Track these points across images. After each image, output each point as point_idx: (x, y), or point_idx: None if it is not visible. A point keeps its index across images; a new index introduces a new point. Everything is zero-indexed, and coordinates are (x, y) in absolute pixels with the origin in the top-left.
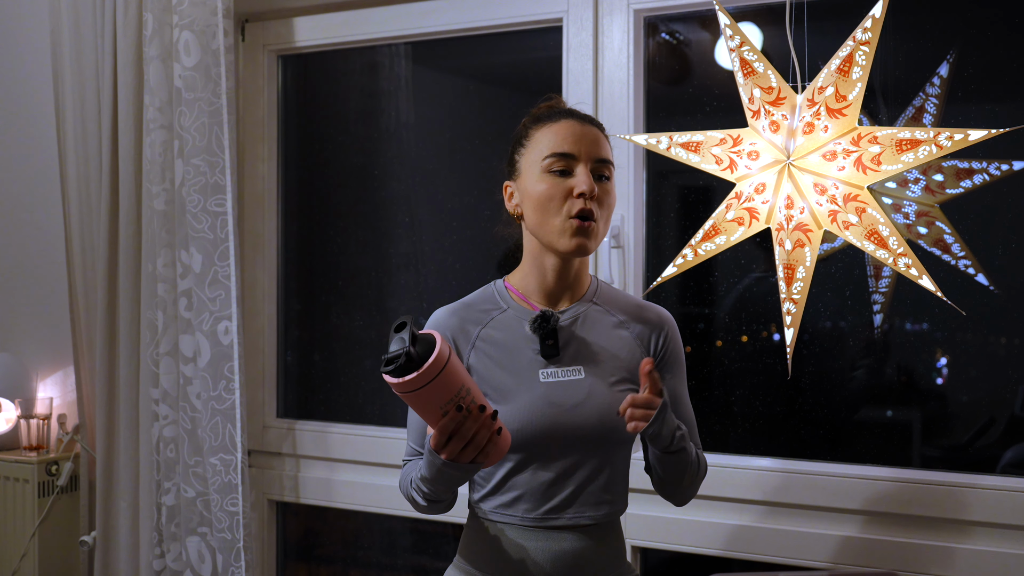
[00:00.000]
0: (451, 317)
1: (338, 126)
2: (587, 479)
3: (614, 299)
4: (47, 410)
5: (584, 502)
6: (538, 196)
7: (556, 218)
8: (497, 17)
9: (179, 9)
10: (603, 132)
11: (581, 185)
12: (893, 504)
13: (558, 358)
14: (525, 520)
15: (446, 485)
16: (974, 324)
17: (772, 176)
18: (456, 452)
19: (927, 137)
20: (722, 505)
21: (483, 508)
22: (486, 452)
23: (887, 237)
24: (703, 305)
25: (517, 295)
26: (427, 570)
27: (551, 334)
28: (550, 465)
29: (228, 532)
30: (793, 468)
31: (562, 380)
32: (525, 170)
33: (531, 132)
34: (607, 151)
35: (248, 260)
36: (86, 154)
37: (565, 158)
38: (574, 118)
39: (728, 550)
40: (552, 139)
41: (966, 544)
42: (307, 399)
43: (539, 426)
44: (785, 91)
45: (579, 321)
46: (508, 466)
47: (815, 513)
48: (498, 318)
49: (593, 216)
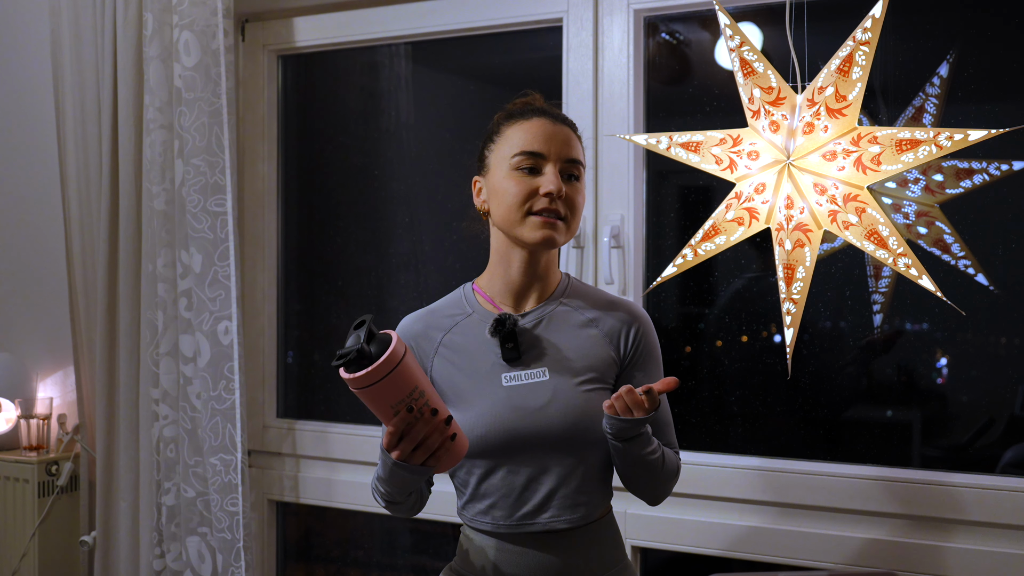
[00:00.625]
0: (415, 323)
1: (338, 126)
2: (559, 482)
3: (584, 296)
4: (47, 410)
5: (559, 506)
6: (504, 192)
7: (520, 213)
8: (497, 17)
9: (179, 9)
10: (575, 132)
11: (548, 185)
12: (893, 504)
13: (520, 361)
14: (500, 527)
15: (398, 486)
16: (974, 324)
17: (772, 176)
18: (407, 453)
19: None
20: (722, 505)
21: (464, 515)
22: (437, 456)
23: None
24: (703, 305)
25: (484, 298)
26: (427, 570)
27: (510, 337)
28: (519, 470)
29: (228, 532)
30: (793, 468)
31: (525, 383)
32: (494, 166)
33: (502, 128)
34: (578, 152)
35: (248, 260)
36: (86, 154)
37: (534, 156)
38: (546, 116)
39: (728, 550)
40: (522, 137)
41: (966, 544)
42: (307, 399)
43: (502, 430)
44: (785, 91)
45: (544, 322)
46: (479, 472)
47: (815, 513)
48: (462, 323)
49: (560, 215)
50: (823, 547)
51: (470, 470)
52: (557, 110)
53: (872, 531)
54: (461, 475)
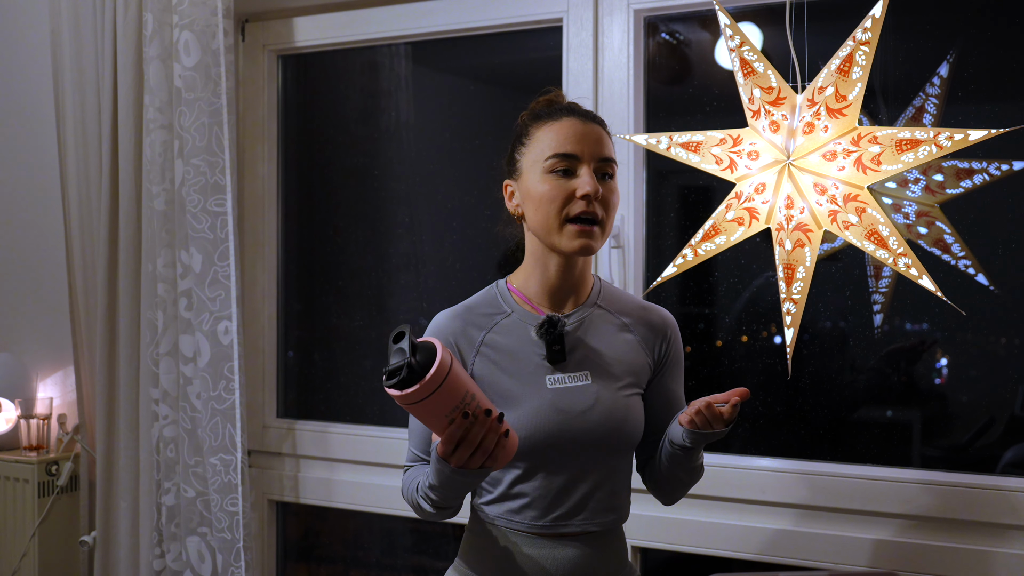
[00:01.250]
0: (454, 321)
1: (338, 126)
2: (595, 486)
3: (617, 300)
4: (47, 410)
5: (592, 509)
6: (540, 197)
7: (558, 220)
8: (497, 17)
9: (179, 9)
10: (605, 129)
11: (585, 187)
12: (893, 504)
13: (564, 364)
14: (532, 527)
15: (455, 492)
16: (974, 324)
17: (772, 176)
18: (465, 459)
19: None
20: (722, 505)
21: (488, 513)
22: (495, 456)
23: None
24: (703, 305)
25: (520, 297)
26: (427, 570)
27: (558, 339)
28: (558, 472)
29: (228, 532)
30: (793, 468)
31: (569, 386)
32: (526, 169)
33: (531, 130)
34: (610, 149)
35: (248, 260)
36: (86, 154)
37: (568, 159)
38: (576, 115)
39: (728, 550)
40: (554, 139)
41: (966, 544)
42: (307, 399)
43: (547, 433)
44: (785, 91)
45: (584, 325)
46: (515, 473)
47: (815, 513)
48: (502, 323)
49: (597, 218)
50: (823, 547)
51: (506, 469)
52: (584, 107)
53: (872, 531)
54: (493, 473)
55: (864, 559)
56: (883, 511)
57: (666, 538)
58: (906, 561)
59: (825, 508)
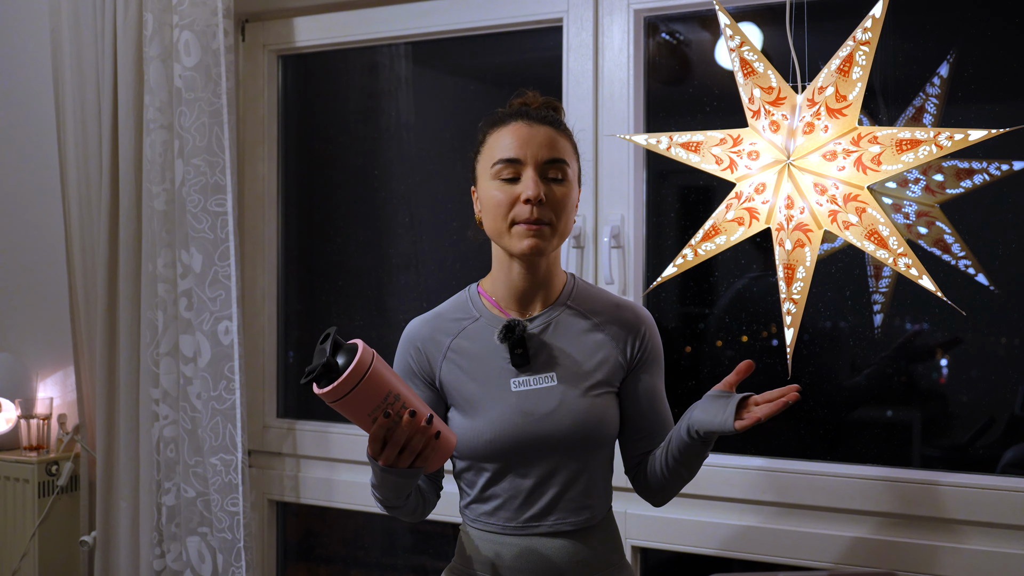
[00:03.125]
0: (423, 327)
1: (338, 126)
2: (565, 486)
3: (589, 300)
4: (47, 410)
5: (564, 508)
6: (489, 203)
7: (506, 224)
8: (497, 17)
9: (179, 9)
10: (558, 129)
11: (527, 191)
12: (893, 504)
13: (529, 366)
14: (506, 528)
15: (393, 491)
16: (974, 324)
17: (772, 176)
18: (392, 457)
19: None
20: (722, 505)
21: (468, 515)
22: (424, 457)
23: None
24: (703, 305)
25: (490, 302)
26: (427, 570)
27: (519, 343)
28: (527, 473)
29: (228, 532)
30: (793, 468)
31: (534, 388)
32: (480, 176)
33: (486, 136)
34: (559, 150)
35: (248, 260)
36: (86, 154)
37: (512, 164)
38: (524, 119)
39: (728, 550)
40: (499, 144)
41: (966, 544)
42: (307, 399)
43: (512, 436)
44: (785, 91)
45: (551, 327)
46: (486, 476)
47: (815, 513)
48: (469, 328)
49: (544, 221)
50: (823, 547)
51: (478, 472)
52: (541, 109)
53: (872, 531)
54: (468, 476)
55: (864, 559)
56: (883, 511)
57: (666, 538)
58: (906, 561)
59: (825, 508)
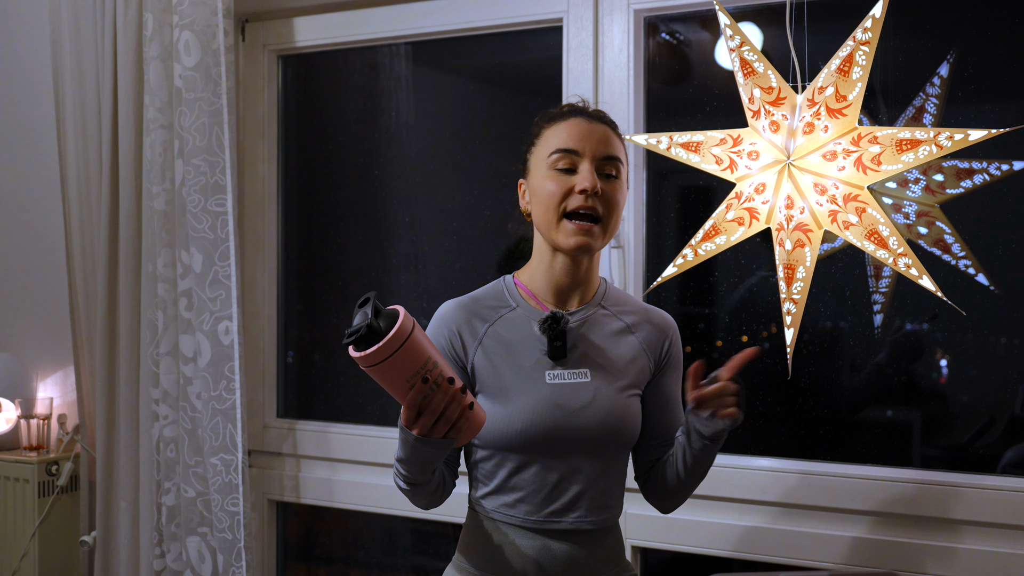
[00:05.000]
0: (459, 311)
1: (338, 126)
2: (589, 484)
3: (621, 302)
4: (47, 410)
5: (587, 507)
6: (542, 192)
7: (557, 214)
8: (497, 17)
9: (179, 9)
10: (614, 130)
11: (583, 182)
12: (893, 504)
13: (565, 360)
14: (526, 521)
15: (420, 464)
16: (974, 324)
17: (772, 176)
18: (428, 427)
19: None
20: (722, 505)
21: (484, 506)
22: (458, 427)
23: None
24: (703, 305)
25: (527, 293)
26: (427, 570)
27: (560, 335)
28: (553, 467)
29: (229, 532)
30: (793, 468)
31: (568, 382)
32: (534, 168)
33: (542, 131)
34: (615, 148)
35: (248, 260)
36: (86, 154)
37: (569, 154)
38: (582, 115)
39: (728, 550)
40: (558, 136)
41: (966, 544)
42: (307, 399)
43: (543, 427)
44: (785, 91)
45: (587, 324)
46: (511, 466)
47: (815, 513)
48: (507, 316)
49: (596, 214)
50: (823, 547)
51: (501, 462)
52: (596, 109)
53: (872, 531)
54: (488, 466)
55: (864, 559)
56: (883, 511)
57: (666, 538)
58: (906, 561)
59: (825, 508)
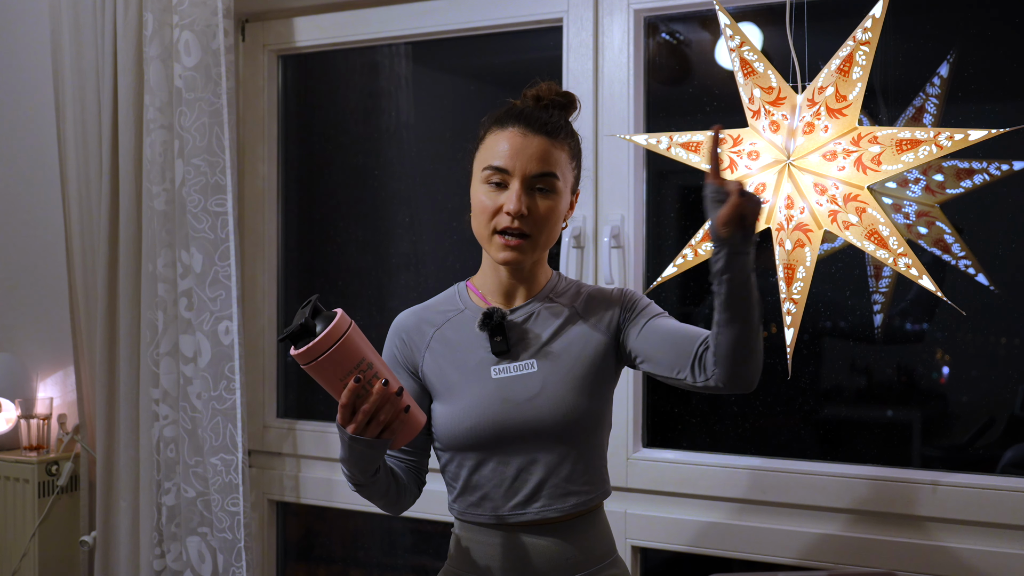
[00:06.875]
0: (409, 318)
1: (338, 126)
2: (549, 472)
3: (572, 293)
4: (47, 410)
5: (549, 495)
6: (476, 204)
7: (487, 230)
8: (497, 17)
9: (179, 9)
10: (557, 138)
11: (509, 204)
12: (893, 504)
13: (508, 354)
14: (492, 518)
15: (359, 464)
16: (974, 324)
17: (772, 176)
18: (362, 426)
19: (927, 137)
20: (722, 505)
21: (457, 509)
22: (392, 429)
23: (887, 237)
24: (703, 305)
25: (477, 295)
26: (427, 570)
27: (498, 330)
28: (509, 460)
29: (229, 532)
30: (793, 468)
31: (514, 375)
32: (474, 173)
33: (486, 134)
34: (549, 163)
35: (248, 260)
36: (86, 154)
37: (499, 172)
38: (520, 126)
39: (728, 550)
40: (493, 149)
41: (966, 544)
42: (307, 399)
43: (491, 421)
44: (785, 91)
45: (533, 317)
46: (469, 465)
47: (815, 513)
48: (455, 319)
49: (523, 233)
50: (823, 547)
51: (461, 463)
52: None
53: (872, 531)
54: (452, 468)
55: (864, 559)
56: (882, 511)
57: (666, 538)
58: (906, 561)
59: (825, 508)
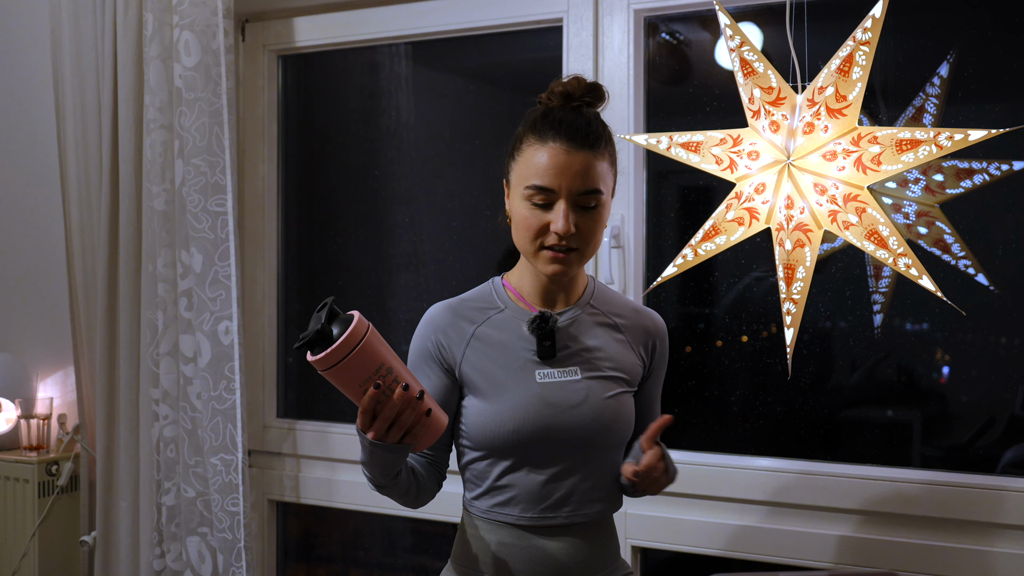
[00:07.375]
0: (445, 313)
1: (338, 126)
2: (582, 479)
3: (610, 302)
4: (47, 410)
5: (579, 501)
6: (519, 221)
7: (533, 245)
8: (497, 17)
9: (179, 9)
10: (598, 150)
11: (557, 225)
12: (893, 504)
13: (554, 359)
14: (520, 520)
15: (380, 468)
16: (974, 324)
17: (772, 176)
18: (382, 432)
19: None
20: (722, 505)
21: (478, 507)
22: (413, 434)
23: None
24: (703, 305)
25: (514, 294)
26: (427, 570)
27: (548, 335)
28: (546, 465)
29: (229, 532)
30: (793, 468)
31: (559, 381)
32: (513, 185)
33: (522, 144)
34: (595, 179)
35: (248, 260)
36: (86, 154)
37: (544, 192)
38: (562, 140)
39: (728, 550)
40: (535, 168)
41: (966, 544)
42: (307, 399)
43: (535, 426)
44: (785, 91)
45: (575, 323)
46: (503, 466)
47: (815, 513)
48: (495, 317)
49: (571, 248)
50: (823, 547)
51: (493, 463)
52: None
53: (872, 531)
54: (479, 467)
55: (864, 559)
56: (882, 511)
57: (666, 538)
58: (906, 561)
59: (825, 508)
